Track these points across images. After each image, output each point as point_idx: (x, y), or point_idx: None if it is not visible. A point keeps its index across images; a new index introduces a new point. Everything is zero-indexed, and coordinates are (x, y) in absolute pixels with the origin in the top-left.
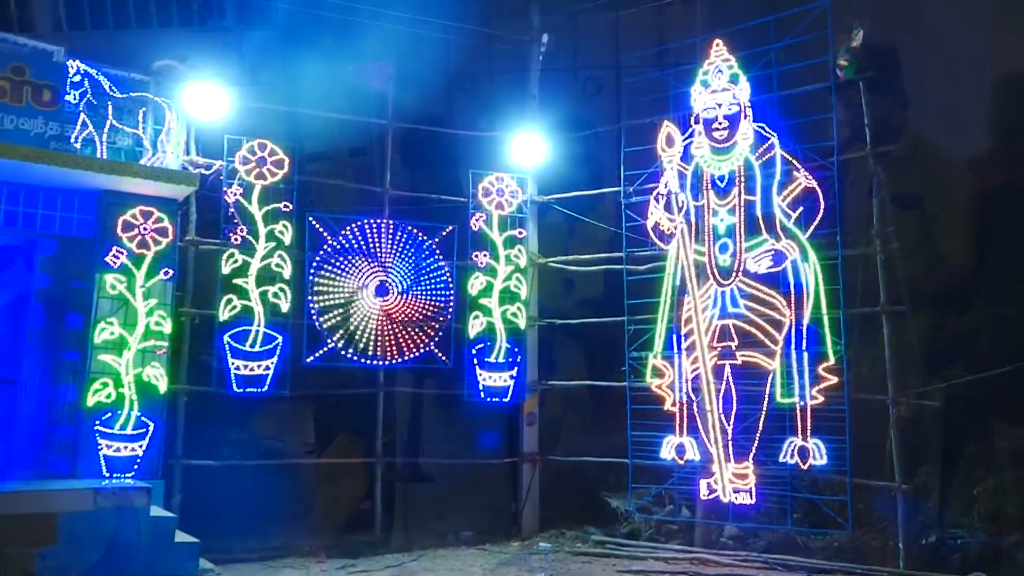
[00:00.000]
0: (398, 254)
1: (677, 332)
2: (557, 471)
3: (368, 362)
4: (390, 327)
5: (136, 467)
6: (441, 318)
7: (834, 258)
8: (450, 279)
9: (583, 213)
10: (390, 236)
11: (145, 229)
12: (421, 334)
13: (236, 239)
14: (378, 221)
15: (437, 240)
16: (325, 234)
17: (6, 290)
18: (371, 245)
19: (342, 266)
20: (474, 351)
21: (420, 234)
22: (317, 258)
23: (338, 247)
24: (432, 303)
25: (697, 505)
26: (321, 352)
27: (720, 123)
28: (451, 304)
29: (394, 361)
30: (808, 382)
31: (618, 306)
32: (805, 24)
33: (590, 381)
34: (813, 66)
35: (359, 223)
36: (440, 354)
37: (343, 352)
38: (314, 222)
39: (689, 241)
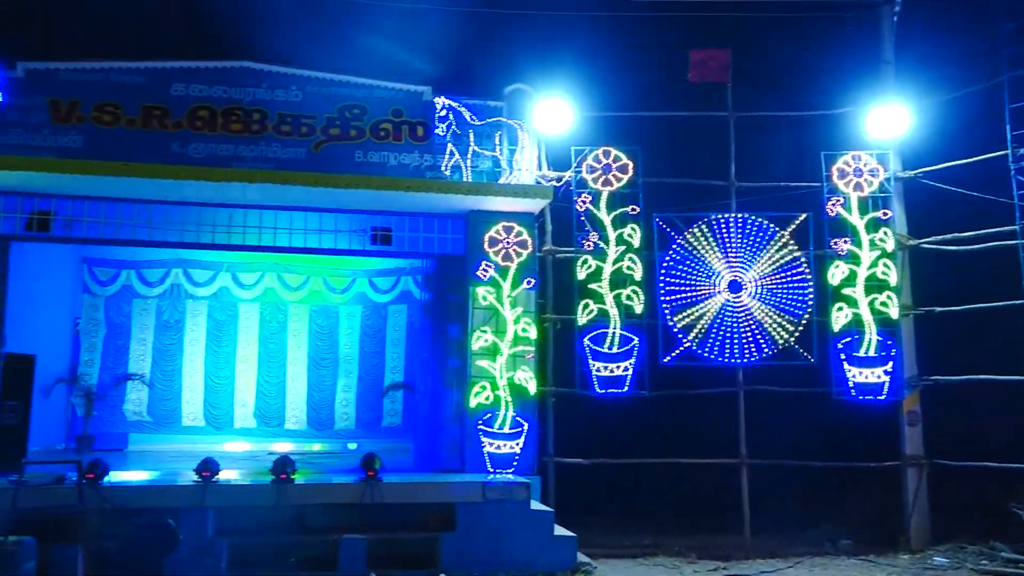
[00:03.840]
0: (749, 248)
1: None
2: (947, 477)
3: (724, 360)
4: (745, 324)
5: (515, 464)
6: (800, 312)
7: None
8: (807, 270)
9: (961, 185)
10: (739, 230)
11: (508, 243)
12: (779, 329)
13: (588, 245)
14: (726, 215)
15: (790, 230)
16: (672, 233)
17: (400, 306)
18: (720, 240)
19: (692, 264)
20: (840, 345)
21: (771, 225)
22: (667, 258)
23: (687, 245)
24: (789, 296)
25: None
26: (677, 352)
27: None
28: (810, 296)
29: (751, 358)
30: None
31: (1013, 288)
32: None
33: (985, 375)
34: None
35: (706, 219)
36: (801, 350)
37: (698, 351)
38: (661, 222)
39: None
